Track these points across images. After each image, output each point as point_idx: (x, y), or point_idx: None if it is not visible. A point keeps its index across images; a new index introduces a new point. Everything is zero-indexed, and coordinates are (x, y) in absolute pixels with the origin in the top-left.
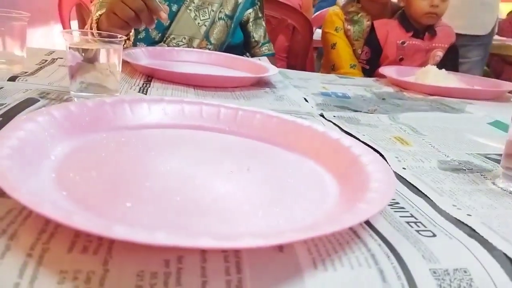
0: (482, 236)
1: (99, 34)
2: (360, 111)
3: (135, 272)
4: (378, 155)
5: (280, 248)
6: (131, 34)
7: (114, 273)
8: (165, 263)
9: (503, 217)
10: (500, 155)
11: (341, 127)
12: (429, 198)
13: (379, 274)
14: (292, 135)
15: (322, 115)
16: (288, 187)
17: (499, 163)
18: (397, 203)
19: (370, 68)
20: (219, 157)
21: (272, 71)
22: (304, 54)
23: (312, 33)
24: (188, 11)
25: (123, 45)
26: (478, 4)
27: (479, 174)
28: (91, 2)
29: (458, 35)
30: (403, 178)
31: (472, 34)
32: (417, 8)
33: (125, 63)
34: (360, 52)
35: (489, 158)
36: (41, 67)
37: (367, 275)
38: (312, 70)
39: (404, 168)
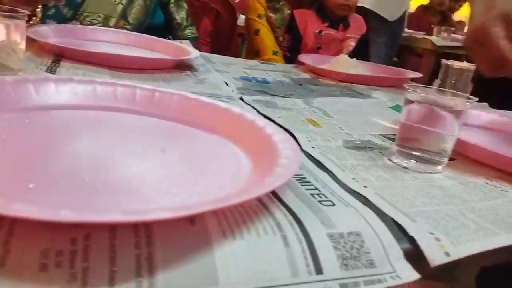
0: (374, 204)
1: (2, 10)
2: (278, 96)
3: (39, 250)
4: (288, 134)
5: (192, 221)
6: (38, 10)
7: (16, 253)
8: (71, 241)
9: (394, 188)
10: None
11: (259, 110)
12: (333, 173)
13: (282, 240)
14: (210, 116)
15: (241, 99)
16: (203, 166)
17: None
18: (304, 177)
19: (291, 55)
20: (133, 138)
21: (193, 54)
22: (228, 39)
23: (235, 17)
24: None
25: (30, 21)
26: None
27: (378, 152)
28: None
29: (369, 15)
30: (312, 156)
31: (380, 14)
32: (332, 1)
33: (31, 41)
34: (281, 40)
35: (387, 138)
36: None
37: (272, 241)
38: (237, 56)
39: (313, 147)
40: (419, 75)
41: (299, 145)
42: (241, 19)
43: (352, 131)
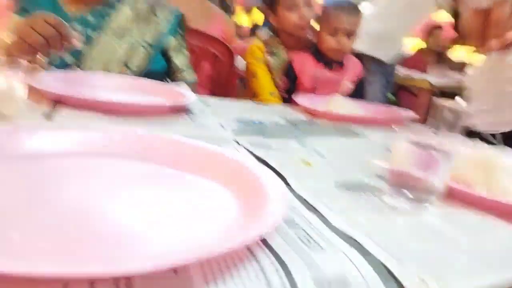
0: (363, 246)
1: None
2: (273, 137)
3: None
4: (277, 176)
5: (175, 270)
6: (42, 59)
7: None
8: None
9: (384, 229)
10: None
11: (253, 152)
12: (323, 215)
13: (266, 286)
14: (202, 160)
15: (236, 141)
16: (192, 212)
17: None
18: (293, 220)
19: (289, 96)
20: (123, 184)
21: (190, 98)
22: (227, 82)
23: (233, 61)
24: (106, 37)
25: (31, 70)
26: (386, 36)
27: (370, 192)
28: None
29: (365, 57)
30: (302, 197)
31: (376, 57)
32: (327, 45)
33: (32, 88)
34: (279, 82)
35: (379, 178)
36: None
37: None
38: (235, 98)
39: (304, 189)
40: (415, 115)
41: (290, 186)
42: (243, 64)
43: (344, 171)
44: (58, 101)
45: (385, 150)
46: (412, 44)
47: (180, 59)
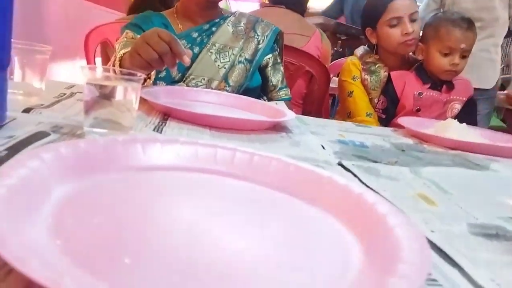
0: None
1: (120, 71)
2: (380, 162)
3: None
4: (406, 216)
5: None
6: (152, 73)
7: None
8: None
9: None
10: None
11: (361, 178)
12: (464, 269)
13: None
14: (311, 186)
15: (340, 164)
16: (307, 247)
17: None
18: (429, 273)
19: (386, 117)
20: (232, 207)
21: (289, 116)
22: (320, 101)
23: (329, 81)
24: (209, 53)
25: (143, 83)
26: (486, 60)
27: None
28: (116, 40)
29: None
30: (432, 242)
31: (480, 87)
32: (437, 65)
33: (142, 100)
34: (376, 102)
35: None
36: (58, 100)
37: None
38: (327, 117)
39: (432, 231)
40: None
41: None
42: (333, 80)
43: (476, 212)
44: (166, 114)
45: None
46: None
47: (276, 77)
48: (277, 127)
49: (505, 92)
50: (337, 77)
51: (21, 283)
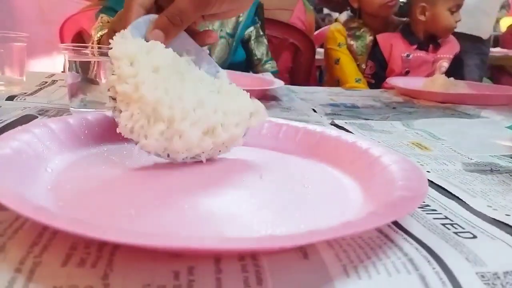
0: None
1: (100, 48)
2: (372, 119)
3: (140, 285)
4: (401, 154)
5: (305, 254)
6: None
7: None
8: (174, 275)
9: None
10: None
11: (355, 133)
12: (461, 199)
13: (420, 280)
14: (304, 142)
15: (333, 124)
16: (307, 193)
17: None
18: (428, 205)
19: (376, 82)
20: (229, 167)
21: (278, 84)
22: (307, 73)
23: (314, 52)
24: None
25: None
26: (478, 10)
27: (508, 175)
28: (91, 27)
29: (459, 37)
30: (429, 180)
31: (473, 34)
32: (446, 24)
33: None
34: (364, 67)
35: None
36: (41, 88)
37: (407, 282)
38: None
39: (428, 172)
40: None
41: None
42: (319, 52)
43: (469, 153)
44: None
45: (509, 130)
46: (507, 23)
47: (260, 50)
48: (267, 96)
49: None
50: (322, 47)
51: (29, 239)
